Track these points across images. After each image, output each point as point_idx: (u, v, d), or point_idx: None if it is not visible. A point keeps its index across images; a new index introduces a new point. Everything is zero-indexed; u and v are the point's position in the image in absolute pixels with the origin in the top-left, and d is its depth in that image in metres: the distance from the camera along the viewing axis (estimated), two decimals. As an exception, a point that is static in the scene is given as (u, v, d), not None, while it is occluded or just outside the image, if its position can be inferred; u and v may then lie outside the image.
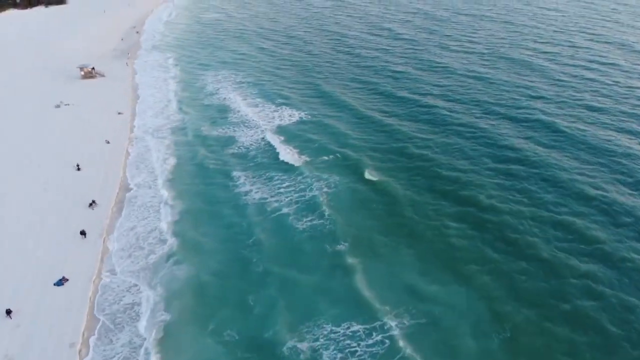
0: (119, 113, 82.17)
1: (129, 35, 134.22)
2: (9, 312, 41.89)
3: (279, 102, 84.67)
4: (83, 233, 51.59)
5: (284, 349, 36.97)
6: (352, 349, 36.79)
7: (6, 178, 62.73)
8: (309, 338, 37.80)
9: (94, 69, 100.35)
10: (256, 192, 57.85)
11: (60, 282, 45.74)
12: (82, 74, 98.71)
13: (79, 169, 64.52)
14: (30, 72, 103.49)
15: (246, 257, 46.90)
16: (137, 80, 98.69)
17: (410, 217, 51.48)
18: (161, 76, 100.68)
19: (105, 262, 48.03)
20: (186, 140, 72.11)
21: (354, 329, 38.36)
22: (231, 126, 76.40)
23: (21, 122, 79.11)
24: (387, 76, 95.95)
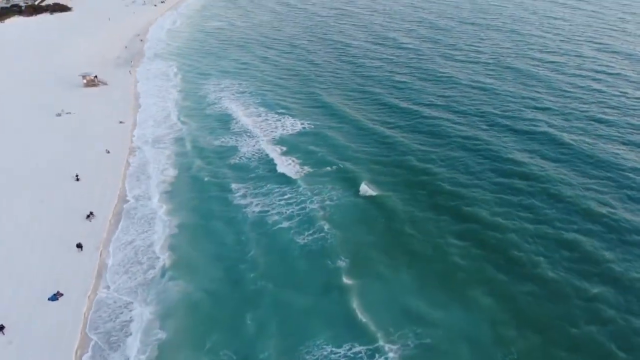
0: (120, 122, 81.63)
1: (133, 43, 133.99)
2: (1, 328, 41.15)
3: (280, 112, 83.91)
4: (79, 246, 50.84)
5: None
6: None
7: (3, 188, 62.15)
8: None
9: (96, 77, 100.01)
10: (256, 205, 57.00)
11: (55, 297, 44.91)
12: (84, 82, 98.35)
13: (78, 179, 63.87)
14: (33, 79, 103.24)
15: (244, 274, 45.97)
16: (139, 88, 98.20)
17: (410, 234, 50.31)
18: (163, 85, 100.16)
19: (101, 277, 47.22)
20: (186, 151, 71.39)
21: (354, 350, 37.22)
22: (232, 136, 75.65)
23: (21, 130, 78.68)
24: (390, 86, 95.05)
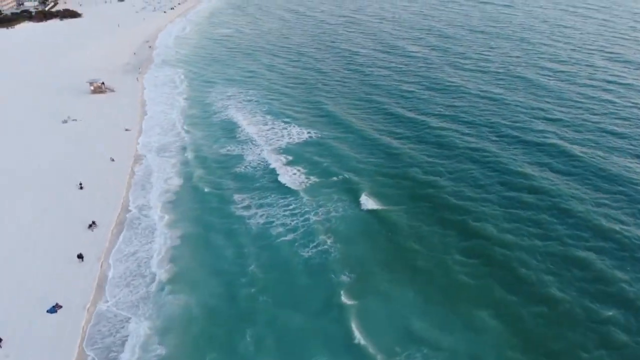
0: (126, 129, 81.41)
1: (141, 49, 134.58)
2: (-1, 341, 40.49)
3: (286, 121, 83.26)
4: (80, 256, 50.25)
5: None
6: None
7: (6, 195, 61.93)
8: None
9: (103, 83, 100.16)
10: (260, 217, 56.27)
11: (54, 309, 44.25)
12: (91, 88, 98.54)
13: (82, 187, 63.49)
14: (41, 85, 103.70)
15: (244, 289, 45.05)
16: (146, 96, 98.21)
17: (415, 250, 49.04)
18: (170, 92, 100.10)
19: (101, 289, 46.53)
20: (191, 160, 70.84)
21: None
22: (237, 145, 75.06)
23: (27, 137, 78.69)
24: (398, 96, 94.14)
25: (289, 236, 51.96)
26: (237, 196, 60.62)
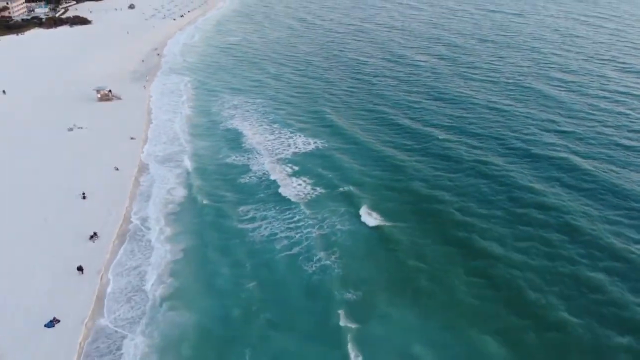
0: (132, 138, 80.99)
1: (149, 57, 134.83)
2: (-6, 356, 39.77)
3: (292, 131, 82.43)
4: (80, 269, 49.52)
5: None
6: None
7: (8, 204, 61.57)
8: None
9: (110, 91, 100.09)
10: (265, 229, 55.58)
11: (51, 323, 43.47)
12: (98, 96, 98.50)
13: (85, 197, 62.97)
14: (48, 92, 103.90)
15: (245, 307, 44.09)
16: (153, 104, 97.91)
17: (418, 269, 47.47)
18: (177, 101, 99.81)
19: (100, 303, 45.72)
20: (196, 170, 70.19)
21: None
22: (243, 155, 74.33)
23: (32, 145, 78.49)
24: (406, 107, 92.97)
25: (293, 250, 51.00)
26: (242, 208, 59.79)
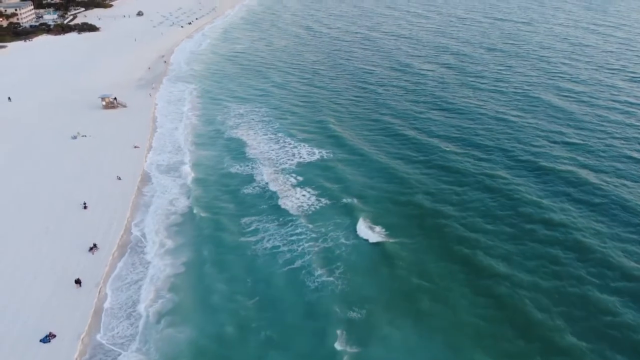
0: (135, 147, 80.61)
1: (156, 64, 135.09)
2: (-12, 372, 39.06)
3: (297, 141, 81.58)
4: (78, 282, 48.85)
5: None
6: None
7: (8, 214, 61.19)
8: None
9: (115, 99, 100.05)
10: (267, 241, 54.75)
11: (47, 338, 42.73)
12: (103, 104, 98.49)
13: (86, 207, 62.48)
14: (54, 100, 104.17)
15: (244, 323, 43.18)
16: (158, 112, 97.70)
17: (421, 288, 46.14)
18: (182, 109, 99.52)
19: (97, 318, 44.93)
20: (199, 180, 69.55)
21: None
22: (246, 166, 73.62)
23: (36, 153, 78.43)
24: (412, 117, 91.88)
25: (294, 264, 50.09)
26: (244, 220, 59.04)
